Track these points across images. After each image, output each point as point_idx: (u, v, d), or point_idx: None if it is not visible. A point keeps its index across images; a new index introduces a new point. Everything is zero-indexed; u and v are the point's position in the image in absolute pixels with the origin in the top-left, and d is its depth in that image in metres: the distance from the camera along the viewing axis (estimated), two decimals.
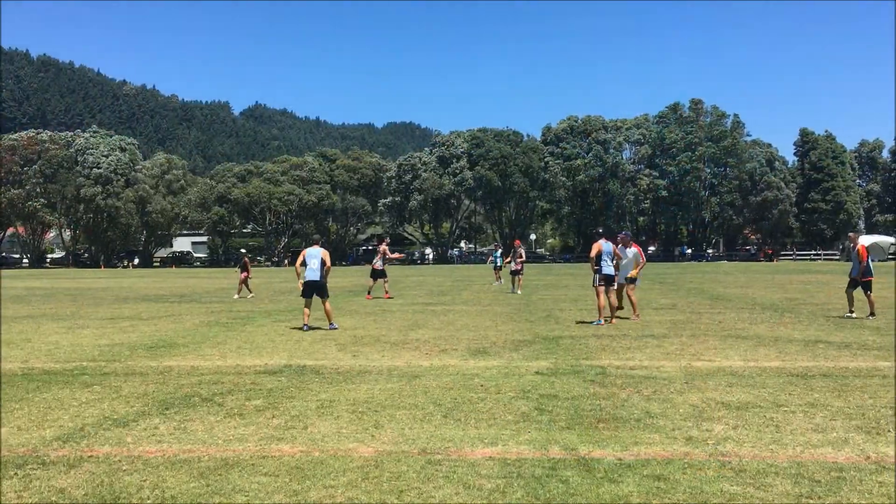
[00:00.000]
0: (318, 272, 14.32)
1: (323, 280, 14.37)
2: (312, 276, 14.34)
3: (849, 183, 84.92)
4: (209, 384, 8.69)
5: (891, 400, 7.49)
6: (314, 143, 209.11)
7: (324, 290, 14.44)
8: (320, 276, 14.32)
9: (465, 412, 7.10)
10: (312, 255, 14.50)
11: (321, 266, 14.37)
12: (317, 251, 14.57)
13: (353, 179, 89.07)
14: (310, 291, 14.43)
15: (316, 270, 14.32)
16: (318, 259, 14.41)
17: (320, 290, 14.39)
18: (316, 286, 14.37)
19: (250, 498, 4.77)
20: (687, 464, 5.39)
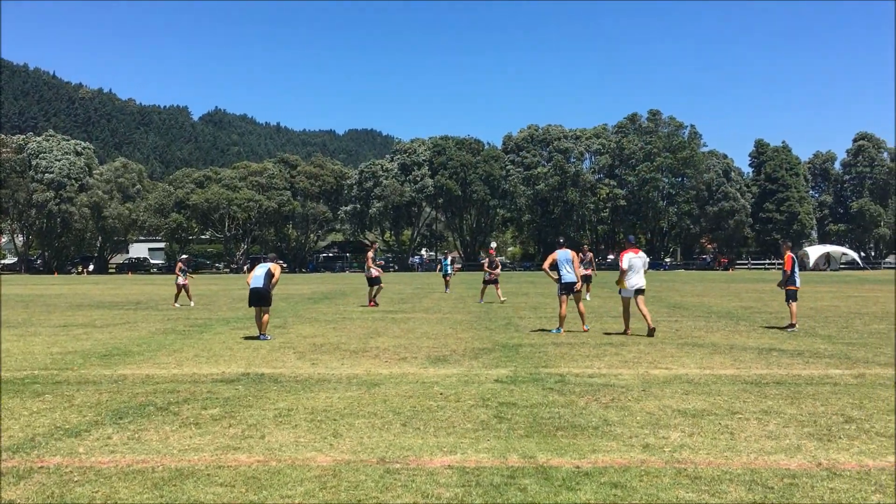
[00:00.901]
0: (262, 280, 14.26)
1: (266, 289, 14.26)
2: (255, 284, 14.29)
3: (802, 194, 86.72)
4: (164, 393, 8.56)
5: (842, 407, 7.64)
6: (274, 149, 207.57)
7: (266, 299, 14.30)
8: (263, 284, 14.24)
9: (425, 420, 7.09)
10: (261, 266, 14.65)
11: (266, 275, 14.34)
12: (267, 264, 14.74)
13: (314, 186, 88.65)
14: (254, 300, 14.34)
15: (260, 278, 14.28)
16: (266, 269, 14.46)
17: (262, 298, 14.27)
18: (258, 294, 14.26)
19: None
20: (644, 471, 5.44)
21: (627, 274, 14.27)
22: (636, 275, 14.34)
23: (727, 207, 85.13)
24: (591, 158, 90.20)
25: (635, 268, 14.37)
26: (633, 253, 14.42)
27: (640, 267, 14.42)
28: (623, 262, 14.35)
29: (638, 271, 14.38)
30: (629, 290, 14.34)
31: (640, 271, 14.41)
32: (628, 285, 14.29)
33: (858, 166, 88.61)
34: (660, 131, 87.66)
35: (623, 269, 14.29)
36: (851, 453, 5.93)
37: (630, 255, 14.39)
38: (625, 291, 14.41)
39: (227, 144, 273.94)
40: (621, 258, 14.44)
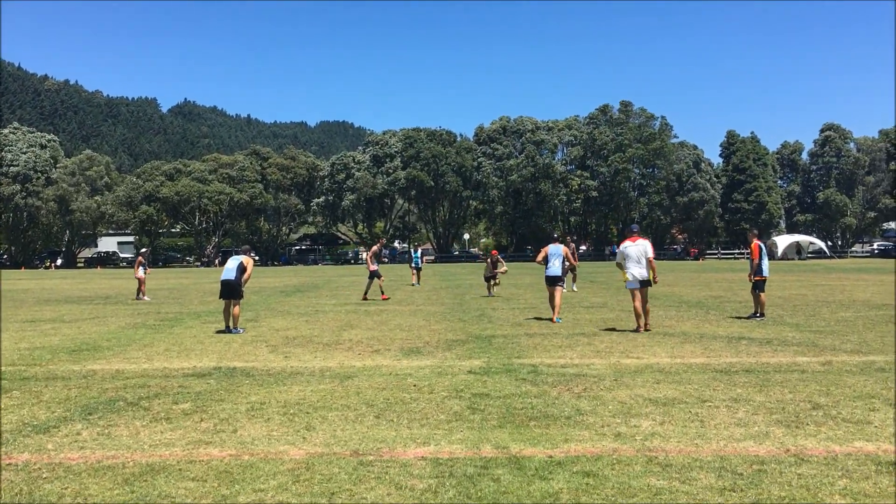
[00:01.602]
0: (234, 273, 14.22)
1: (237, 282, 14.19)
2: (227, 276, 14.27)
3: (770, 184, 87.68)
4: (135, 388, 8.47)
5: (809, 394, 7.76)
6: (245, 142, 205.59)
7: (236, 291, 14.21)
8: (234, 277, 14.19)
9: (398, 412, 7.09)
10: (233, 259, 14.62)
11: (238, 268, 14.30)
12: (239, 257, 14.68)
13: (285, 178, 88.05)
14: (225, 292, 14.30)
15: (232, 271, 14.26)
16: (238, 262, 14.43)
17: (233, 291, 14.20)
18: (229, 286, 14.22)
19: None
20: (615, 459, 5.49)
21: (626, 265, 13.54)
22: (635, 265, 13.44)
23: (697, 198, 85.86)
24: (563, 150, 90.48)
25: (631, 258, 13.49)
26: (629, 242, 13.64)
27: (637, 256, 13.44)
28: (617, 254, 13.95)
29: (637, 261, 13.44)
30: (632, 282, 13.44)
31: (639, 261, 13.43)
32: (629, 277, 13.46)
33: (825, 157, 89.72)
34: (631, 122, 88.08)
35: (617, 263, 13.89)
36: (819, 439, 6.02)
37: (624, 244, 13.68)
38: (629, 284, 13.54)
39: (196, 137, 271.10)
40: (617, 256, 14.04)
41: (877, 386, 8.15)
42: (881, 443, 5.90)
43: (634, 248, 13.48)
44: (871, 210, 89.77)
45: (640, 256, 13.41)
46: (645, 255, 13.44)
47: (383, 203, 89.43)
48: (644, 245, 13.48)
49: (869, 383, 8.31)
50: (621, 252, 13.64)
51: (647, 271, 13.38)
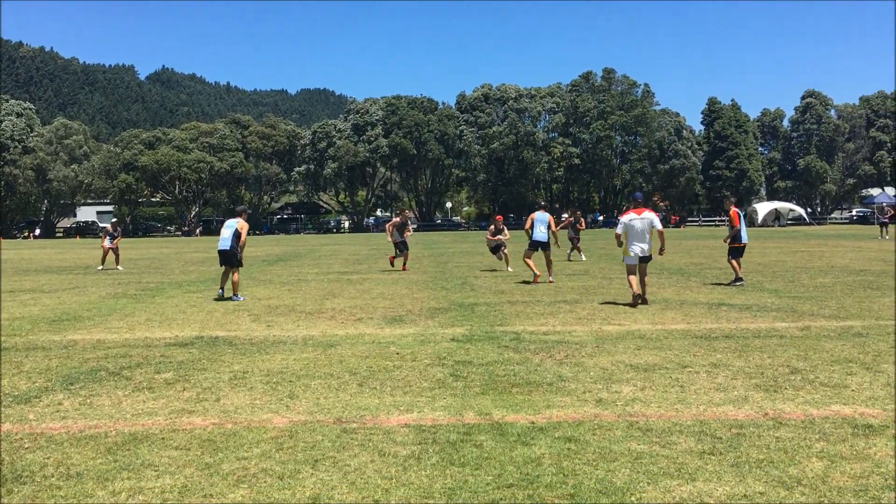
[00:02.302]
0: (229, 241, 14.09)
1: (233, 250, 14.09)
2: (223, 246, 14.18)
3: (751, 151, 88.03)
4: (116, 358, 8.44)
5: (788, 359, 7.86)
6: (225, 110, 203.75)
7: (233, 259, 14.14)
8: (230, 246, 14.07)
9: (381, 380, 7.11)
10: (227, 226, 14.40)
11: (233, 236, 14.14)
12: (233, 222, 14.42)
13: (266, 147, 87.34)
14: (222, 260, 14.32)
15: (227, 239, 14.11)
16: (233, 228, 14.22)
17: (229, 259, 14.16)
18: (225, 255, 14.17)
19: (160, 472, 4.67)
20: (597, 425, 5.54)
21: (628, 241, 12.42)
22: (639, 241, 12.33)
23: (678, 165, 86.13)
24: (546, 117, 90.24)
25: (634, 231, 12.35)
26: (633, 214, 12.50)
27: (642, 230, 12.33)
28: (618, 225, 12.76)
29: (641, 236, 12.33)
30: (631, 258, 12.39)
31: (643, 235, 12.32)
32: (630, 252, 12.37)
33: (806, 123, 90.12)
34: (613, 90, 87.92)
35: (616, 234, 12.81)
36: (796, 403, 6.11)
37: (628, 216, 12.53)
38: (626, 258, 12.53)
39: (175, 104, 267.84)
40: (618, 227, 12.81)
41: (854, 350, 8.26)
42: (858, 406, 5.99)
43: (640, 222, 12.36)
44: (851, 177, 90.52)
45: (646, 231, 12.35)
46: (653, 228, 12.40)
47: (365, 171, 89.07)
48: (650, 218, 12.41)
49: (846, 348, 8.42)
50: (625, 225, 12.46)
51: (650, 246, 12.44)
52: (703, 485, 4.35)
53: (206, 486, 4.43)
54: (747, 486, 4.32)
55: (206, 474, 4.63)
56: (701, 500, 4.12)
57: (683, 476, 4.48)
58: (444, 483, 4.42)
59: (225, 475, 4.61)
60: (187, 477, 4.59)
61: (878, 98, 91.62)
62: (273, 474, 4.61)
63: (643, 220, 12.37)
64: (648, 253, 12.46)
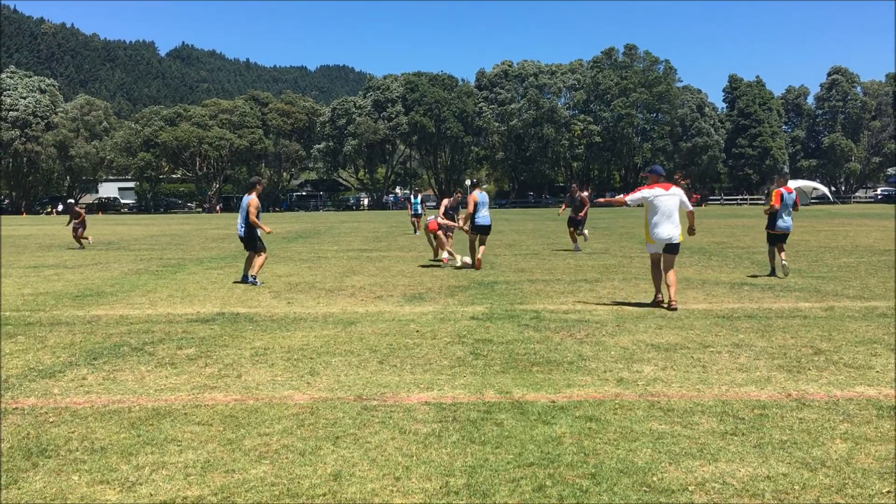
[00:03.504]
0: (241, 227, 13.23)
1: (247, 235, 13.21)
2: (238, 231, 13.41)
3: (775, 129, 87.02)
4: (139, 333, 8.51)
5: (811, 339, 7.78)
6: (245, 86, 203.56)
7: (251, 242, 13.28)
8: (242, 232, 13.23)
9: (401, 358, 7.12)
10: (241, 207, 13.38)
11: (244, 218, 13.17)
12: (244, 202, 13.29)
13: (286, 124, 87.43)
14: (244, 246, 13.57)
15: (241, 225, 13.27)
16: (244, 211, 13.14)
17: (248, 244, 13.32)
18: (243, 241, 13.45)
19: (183, 447, 4.70)
20: (618, 404, 5.52)
21: (654, 222, 9.85)
22: (667, 222, 9.77)
23: (701, 143, 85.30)
24: (567, 94, 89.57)
25: (663, 211, 9.76)
26: (660, 190, 9.88)
27: (670, 210, 9.78)
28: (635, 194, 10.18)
29: (669, 217, 9.77)
30: (655, 245, 9.96)
31: (672, 217, 9.79)
32: (653, 237, 9.90)
33: (831, 101, 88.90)
34: (635, 66, 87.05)
35: (622, 200, 10.58)
36: (820, 384, 6.05)
37: (654, 190, 9.88)
38: (650, 246, 10.16)
39: (195, 81, 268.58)
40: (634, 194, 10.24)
41: (878, 331, 8.16)
42: (882, 387, 5.93)
43: (669, 200, 9.82)
44: (876, 155, 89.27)
45: (674, 210, 9.83)
46: (683, 208, 10.05)
47: (384, 149, 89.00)
48: (680, 195, 9.99)
49: (871, 329, 8.32)
50: (650, 203, 9.87)
51: (679, 231, 9.89)
52: (725, 465, 4.32)
53: (228, 462, 4.46)
54: (770, 467, 4.29)
55: (228, 450, 4.66)
56: (723, 481, 4.10)
57: (705, 456, 4.46)
58: (465, 461, 4.42)
59: (247, 451, 4.64)
60: (210, 452, 4.62)
61: None
62: (294, 450, 4.63)
63: (672, 196, 9.85)
64: (679, 239, 9.87)
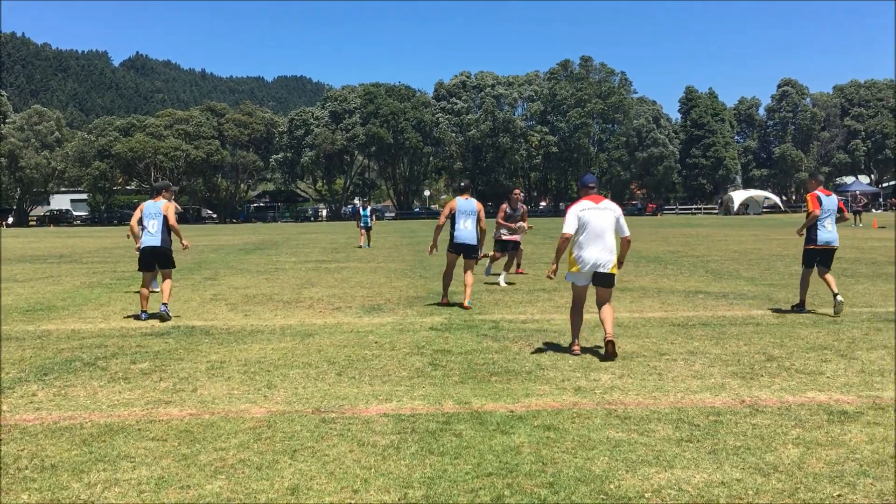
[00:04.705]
0: (160, 235, 10.51)
1: (166, 246, 10.60)
2: (151, 242, 10.52)
3: (728, 139, 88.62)
4: (91, 348, 8.35)
5: (764, 346, 7.93)
6: (201, 97, 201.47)
7: (167, 259, 10.67)
8: (161, 241, 10.52)
9: (360, 370, 7.08)
10: (149, 213, 10.60)
11: (163, 226, 10.53)
12: (157, 206, 10.63)
13: (243, 134, 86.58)
14: (149, 262, 10.69)
15: (157, 234, 10.49)
16: (159, 218, 10.53)
17: (162, 258, 10.65)
18: (157, 254, 10.59)
19: (137, 463, 4.62)
20: (575, 413, 5.56)
21: (580, 244, 7.63)
22: (597, 245, 7.57)
23: (656, 153, 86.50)
24: (524, 105, 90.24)
25: (592, 230, 7.59)
26: (589, 203, 7.71)
27: (601, 229, 7.59)
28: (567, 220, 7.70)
29: (600, 238, 7.58)
30: (580, 275, 7.68)
31: (604, 237, 7.59)
32: (577, 262, 7.63)
33: (782, 112, 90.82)
34: (591, 78, 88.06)
35: (564, 237, 7.62)
36: (773, 390, 6.16)
37: (580, 205, 7.73)
38: (572, 276, 7.75)
39: (150, 91, 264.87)
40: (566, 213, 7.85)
41: (829, 338, 8.35)
42: (833, 392, 6.06)
43: (599, 215, 7.64)
44: (826, 165, 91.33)
45: (608, 230, 7.62)
46: (618, 229, 7.77)
47: (343, 159, 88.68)
48: (614, 211, 7.74)
49: (821, 335, 8.51)
50: (577, 220, 7.64)
51: (614, 256, 7.69)
52: (680, 472, 4.37)
53: (183, 478, 4.39)
54: (724, 472, 4.36)
55: (183, 465, 4.58)
56: (679, 487, 4.15)
57: (661, 463, 4.51)
58: (424, 472, 4.41)
59: (202, 466, 4.57)
60: (164, 468, 4.54)
61: (851, 87, 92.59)
62: (251, 465, 4.58)
63: (603, 211, 7.67)
64: (610, 268, 7.67)
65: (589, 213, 7.67)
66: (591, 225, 7.62)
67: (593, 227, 7.61)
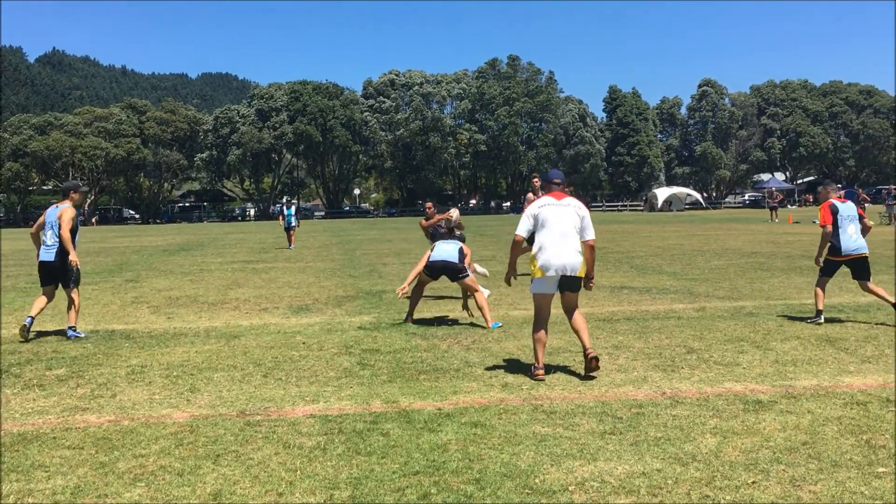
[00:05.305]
0: (55, 248, 9.05)
1: (60, 261, 9.04)
2: (46, 256, 9.12)
3: (651, 138, 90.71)
4: (5, 354, 8.03)
5: (684, 339, 8.14)
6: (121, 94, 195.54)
7: (63, 274, 9.11)
8: (54, 256, 9.04)
9: (287, 371, 7.00)
10: (49, 222, 9.16)
11: (56, 237, 9.04)
12: (55, 212, 9.19)
13: (165, 133, 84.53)
14: (46, 278, 9.26)
15: (52, 247, 9.06)
16: (54, 227, 9.06)
17: (59, 274, 9.13)
18: (52, 270, 9.13)
19: (51, 473, 4.46)
20: (503, 409, 5.61)
21: (540, 245, 6.61)
22: (560, 244, 6.55)
23: (583, 151, 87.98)
24: (452, 104, 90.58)
25: (553, 228, 6.61)
26: (550, 199, 6.76)
27: (564, 228, 6.63)
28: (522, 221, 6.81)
29: (562, 237, 6.58)
30: (544, 281, 6.63)
31: (567, 237, 6.60)
32: (541, 267, 6.56)
33: (702, 111, 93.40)
34: (518, 77, 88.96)
35: (516, 240, 6.74)
36: (692, 382, 6.33)
37: (542, 203, 6.75)
38: (537, 283, 6.69)
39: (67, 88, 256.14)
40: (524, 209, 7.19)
41: (745, 330, 8.62)
42: (748, 383, 6.26)
43: (561, 213, 6.69)
44: (744, 162, 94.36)
45: (571, 229, 6.67)
46: (581, 230, 6.74)
47: (270, 158, 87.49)
48: (578, 209, 6.79)
49: (738, 327, 8.78)
50: (532, 217, 6.74)
51: (581, 257, 6.63)
52: (603, 464, 4.45)
53: (100, 486, 4.26)
54: (645, 463, 4.45)
55: (100, 474, 4.45)
56: (602, 479, 4.22)
57: (585, 456, 4.58)
58: (350, 473, 4.39)
59: (121, 474, 4.44)
60: (80, 477, 4.40)
61: (767, 87, 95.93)
62: (172, 471, 4.47)
63: (566, 208, 6.72)
64: (578, 270, 6.60)
65: (548, 209, 6.67)
66: (550, 223, 6.61)
67: (554, 226, 6.60)
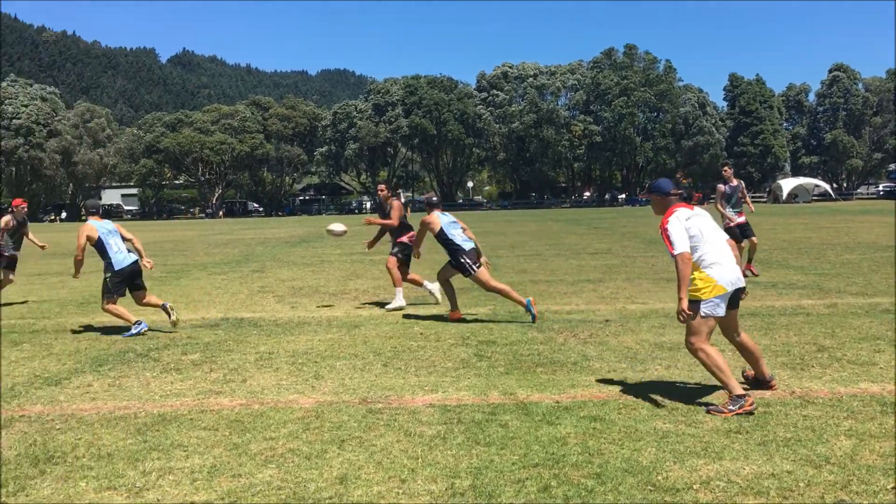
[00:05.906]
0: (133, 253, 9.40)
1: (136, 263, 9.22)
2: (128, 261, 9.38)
3: (776, 126, 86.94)
4: (144, 339, 8.54)
5: (814, 336, 7.78)
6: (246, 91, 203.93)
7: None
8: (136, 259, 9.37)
9: (405, 360, 7.14)
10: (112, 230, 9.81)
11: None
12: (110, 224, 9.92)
13: (287, 128, 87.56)
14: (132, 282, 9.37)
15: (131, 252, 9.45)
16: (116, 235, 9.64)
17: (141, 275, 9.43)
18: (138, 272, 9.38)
19: (189, 452, 4.72)
20: (622, 404, 5.53)
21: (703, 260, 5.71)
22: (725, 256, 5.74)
23: (702, 141, 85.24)
24: (567, 95, 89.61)
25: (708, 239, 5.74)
26: (687, 210, 5.83)
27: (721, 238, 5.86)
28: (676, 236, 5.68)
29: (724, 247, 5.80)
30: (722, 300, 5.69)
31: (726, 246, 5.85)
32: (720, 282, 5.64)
33: (833, 97, 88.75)
34: (635, 66, 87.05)
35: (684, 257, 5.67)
36: (824, 381, 6.06)
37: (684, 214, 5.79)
38: (708, 305, 5.66)
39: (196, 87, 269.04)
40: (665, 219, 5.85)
41: (882, 327, 8.16)
42: (886, 384, 5.93)
43: (708, 223, 5.87)
44: (878, 151, 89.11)
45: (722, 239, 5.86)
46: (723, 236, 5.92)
47: (386, 152, 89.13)
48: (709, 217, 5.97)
49: (874, 325, 8.32)
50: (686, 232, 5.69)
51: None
52: (729, 463, 4.33)
53: (234, 466, 4.48)
54: (774, 464, 4.30)
55: (234, 454, 4.68)
56: (728, 479, 4.11)
57: (710, 455, 4.46)
58: (470, 462, 4.44)
59: (253, 455, 4.66)
60: (216, 457, 4.64)
61: None
62: (300, 454, 4.65)
63: (706, 218, 5.91)
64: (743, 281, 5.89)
65: (696, 220, 5.80)
66: (708, 234, 5.78)
67: (711, 236, 5.80)
